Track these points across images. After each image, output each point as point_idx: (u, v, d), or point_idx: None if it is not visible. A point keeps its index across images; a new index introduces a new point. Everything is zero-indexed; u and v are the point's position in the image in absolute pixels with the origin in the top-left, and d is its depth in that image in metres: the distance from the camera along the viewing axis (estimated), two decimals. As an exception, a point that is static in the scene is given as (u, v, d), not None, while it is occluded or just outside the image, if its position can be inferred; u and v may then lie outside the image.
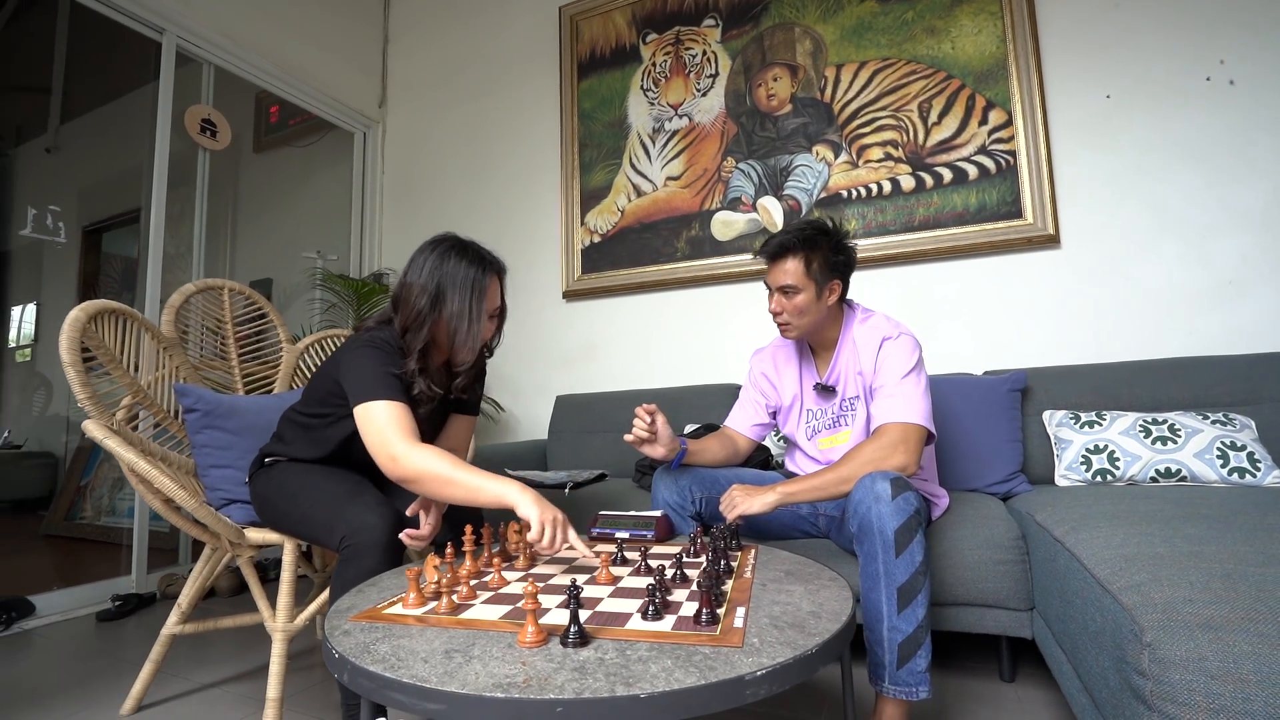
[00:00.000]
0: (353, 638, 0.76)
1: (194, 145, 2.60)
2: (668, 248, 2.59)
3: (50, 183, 3.49)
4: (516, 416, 2.87)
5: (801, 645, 0.69)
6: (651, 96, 2.68)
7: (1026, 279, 2.07)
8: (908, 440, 1.21)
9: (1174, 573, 0.76)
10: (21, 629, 1.93)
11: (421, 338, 1.18)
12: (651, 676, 0.62)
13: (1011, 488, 1.65)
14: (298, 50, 2.93)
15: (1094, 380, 1.75)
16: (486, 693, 0.60)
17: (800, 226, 1.36)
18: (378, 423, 1.08)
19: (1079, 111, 2.04)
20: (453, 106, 3.16)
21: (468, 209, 3.07)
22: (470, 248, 1.23)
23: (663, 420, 1.33)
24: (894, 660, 1.03)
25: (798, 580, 0.95)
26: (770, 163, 2.43)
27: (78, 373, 1.17)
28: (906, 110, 2.23)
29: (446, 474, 1.02)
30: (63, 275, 3.44)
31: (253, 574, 1.29)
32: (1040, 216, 2.03)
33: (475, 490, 1.02)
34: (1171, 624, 0.67)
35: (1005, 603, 1.29)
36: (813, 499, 1.25)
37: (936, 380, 1.83)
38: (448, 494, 1.04)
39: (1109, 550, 0.90)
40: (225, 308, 1.68)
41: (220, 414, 1.41)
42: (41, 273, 3.46)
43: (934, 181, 2.18)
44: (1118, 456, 1.53)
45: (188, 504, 1.08)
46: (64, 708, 1.38)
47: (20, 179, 3.60)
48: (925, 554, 1.06)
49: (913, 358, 1.29)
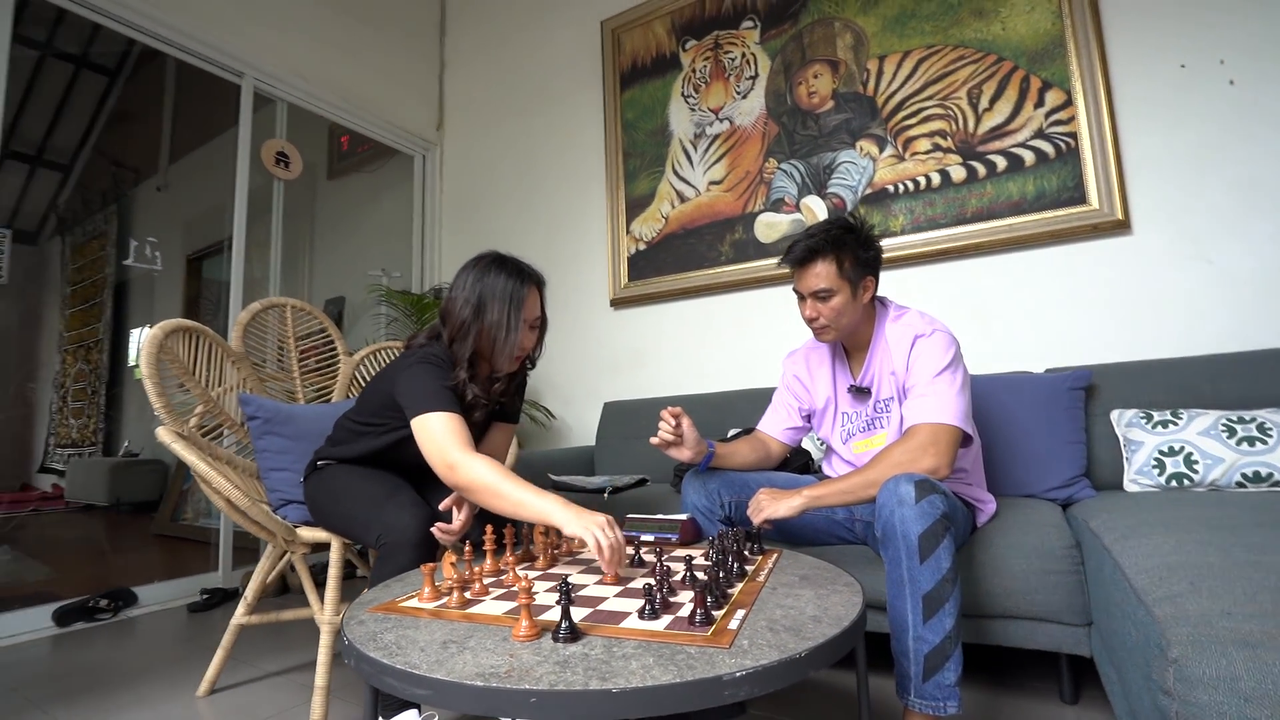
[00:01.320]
0: (365, 627, 0.81)
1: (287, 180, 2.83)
2: (712, 252, 2.59)
3: (161, 217, 3.90)
4: (568, 424, 2.93)
5: (792, 649, 0.68)
6: (692, 103, 2.68)
7: (1092, 269, 1.92)
8: (938, 441, 1.15)
9: (1219, 584, 0.69)
10: (126, 616, 2.15)
11: (468, 347, 1.25)
12: (629, 672, 0.63)
13: (1073, 493, 1.53)
14: (361, 82, 3.14)
15: (1170, 377, 1.60)
16: (468, 681, 0.63)
17: (825, 227, 1.32)
18: (435, 433, 1.13)
19: (1148, 85, 1.88)
20: (503, 124, 3.29)
21: (518, 222, 3.17)
22: (509, 261, 1.29)
23: (688, 423, 1.33)
24: (919, 672, 0.98)
25: (811, 585, 0.92)
26: (813, 161, 2.38)
27: (154, 384, 1.30)
28: (954, 98, 2.13)
29: (495, 486, 1.06)
30: (170, 299, 3.81)
31: (305, 570, 1.38)
32: (1107, 201, 1.88)
33: (520, 505, 1.04)
34: (1202, 639, 0.61)
35: (1058, 616, 1.20)
36: (840, 503, 1.21)
37: (991, 379, 1.73)
38: (495, 505, 1.07)
39: (1154, 559, 0.83)
40: (288, 324, 1.81)
41: (279, 421, 1.53)
42: (153, 298, 3.86)
43: (987, 171, 2.06)
44: (1196, 459, 1.39)
45: (241, 502, 1.18)
46: (151, 688, 1.53)
47: (138, 215, 4.04)
48: (953, 560, 1.00)
49: (947, 355, 1.23)
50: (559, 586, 0.75)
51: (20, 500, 3.85)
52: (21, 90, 4.04)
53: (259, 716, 1.37)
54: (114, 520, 3.70)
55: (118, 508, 3.72)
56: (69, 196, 4.25)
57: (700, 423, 1.53)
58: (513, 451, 1.88)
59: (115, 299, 3.73)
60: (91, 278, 3.90)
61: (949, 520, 1.02)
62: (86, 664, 1.72)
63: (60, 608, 2.03)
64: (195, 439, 1.35)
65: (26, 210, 4.26)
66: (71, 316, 4.01)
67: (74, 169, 4.25)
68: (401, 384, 1.21)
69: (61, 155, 4.16)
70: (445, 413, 1.14)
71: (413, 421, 1.16)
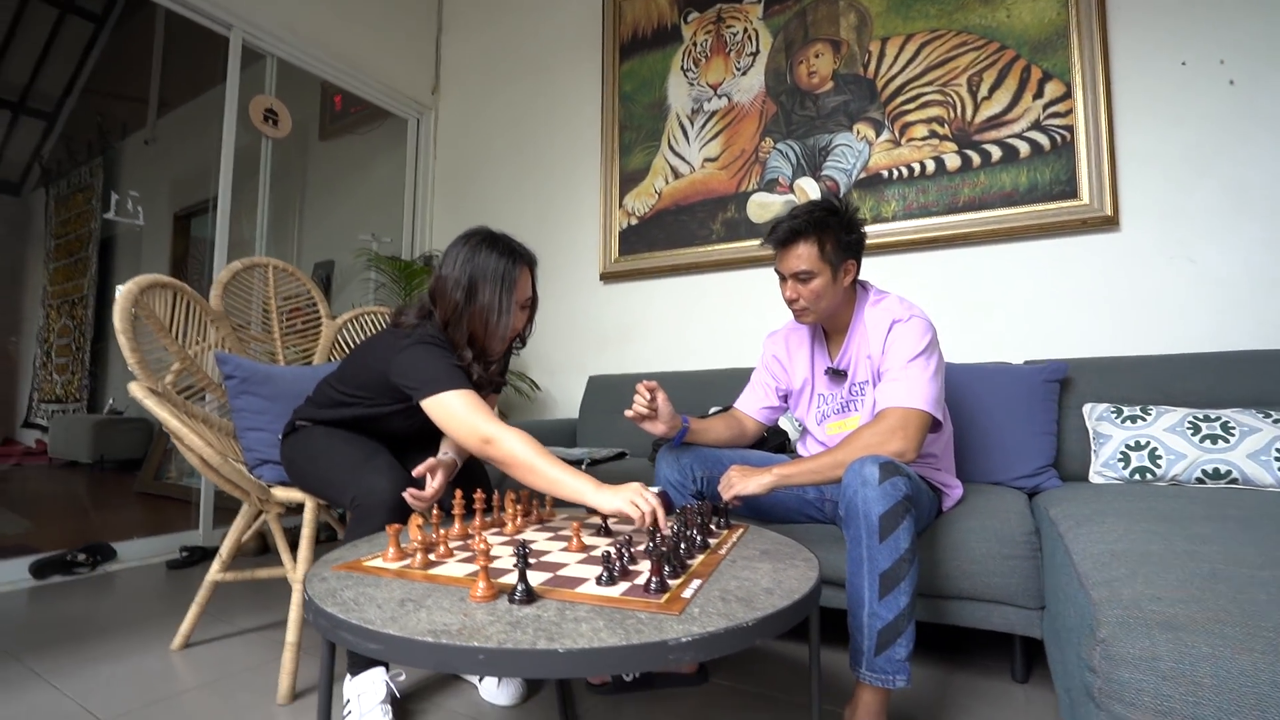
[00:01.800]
0: (326, 584, 0.82)
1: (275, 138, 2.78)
2: (703, 230, 2.57)
3: (149, 172, 3.83)
4: (553, 396, 2.94)
5: (740, 618, 0.70)
6: (691, 77, 2.65)
7: (1079, 264, 1.92)
8: (907, 426, 1.17)
9: (1155, 570, 0.71)
10: (105, 571, 2.17)
11: (464, 331, 1.25)
12: (578, 634, 0.64)
13: (1039, 483, 1.56)
14: (355, 41, 3.07)
15: (1145, 373, 1.62)
16: (419, 637, 0.64)
17: (809, 209, 1.32)
18: (459, 411, 1.13)
19: (1148, 80, 1.87)
20: (501, 91, 3.24)
21: (512, 192, 3.14)
22: (501, 240, 1.28)
23: (663, 397, 1.34)
24: (872, 646, 1.01)
25: (770, 559, 0.94)
26: (809, 143, 2.37)
27: (128, 339, 1.30)
28: (954, 85, 2.11)
29: (531, 463, 1.06)
30: (158, 257, 3.77)
31: (279, 530, 1.39)
32: (1097, 196, 1.88)
33: (555, 483, 1.05)
34: (1130, 620, 0.63)
35: (1013, 599, 1.23)
36: (809, 482, 1.23)
37: (969, 369, 1.75)
38: (530, 480, 1.07)
39: (1100, 545, 0.85)
40: (270, 284, 1.80)
41: (256, 381, 1.53)
42: (140, 255, 3.81)
43: (981, 160, 2.05)
44: (1160, 454, 1.41)
45: (212, 459, 1.19)
46: (126, 641, 1.55)
47: (125, 169, 3.96)
48: (912, 541, 1.03)
49: (922, 341, 1.24)
50: (516, 550, 0.76)
51: (2, 454, 3.84)
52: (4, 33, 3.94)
53: (231, 670, 1.39)
54: (97, 477, 3.70)
55: (101, 465, 3.72)
56: (54, 147, 4.16)
57: (684, 400, 1.56)
58: (493, 421, 1.89)
59: (101, 254, 3.68)
60: (76, 232, 3.84)
61: (911, 502, 1.04)
62: (62, 616, 1.73)
63: (37, 560, 2.04)
64: (170, 396, 1.35)
65: (9, 159, 4.16)
66: (56, 271, 3.96)
67: (59, 118, 4.14)
68: (403, 365, 1.19)
69: (45, 103, 4.05)
70: (462, 390, 1.14)
71: (427, 401, 1.14)
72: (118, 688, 1.31)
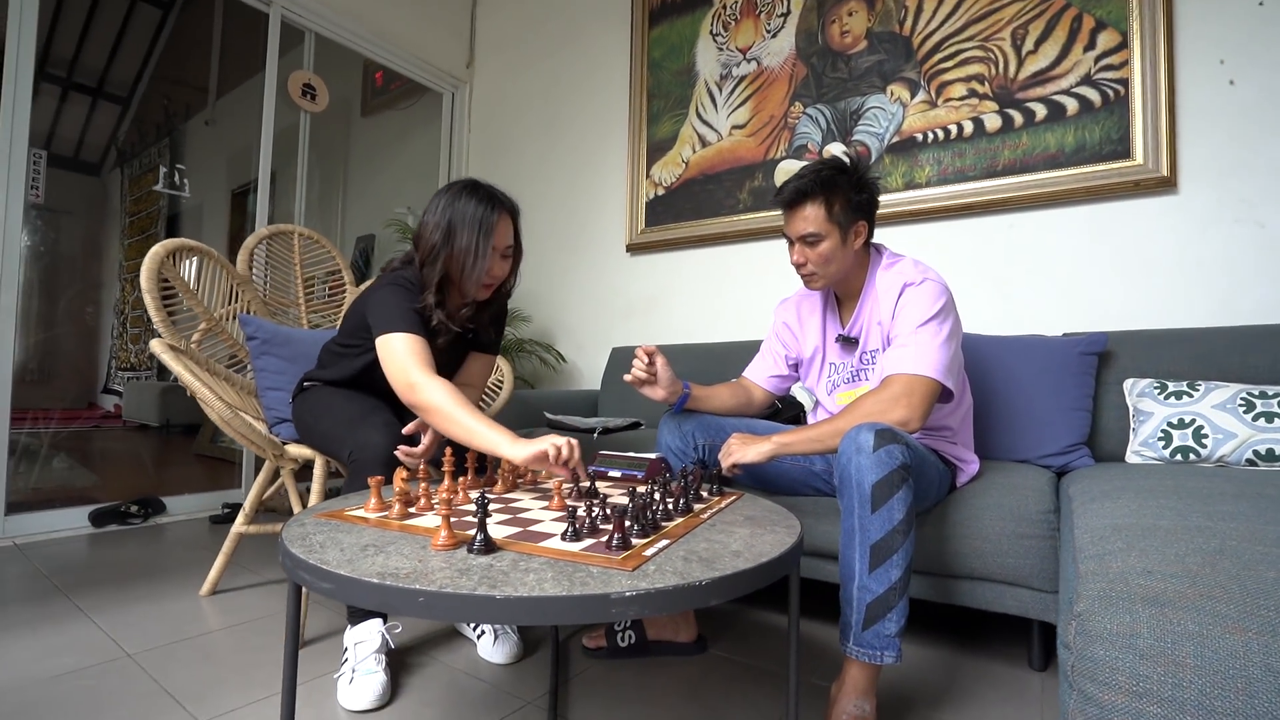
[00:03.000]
0: (303, 529, 0.84)
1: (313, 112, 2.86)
2: (730, 199, 2.51)
3: (209, 151, 4.01)
4: (579, 368, 2.95)
5: (693, 577, 0.67)
6: (720, 41, 2.56)
7: (1129, 230, 1.78)
8: (912, 393, 1.10)
9: (1156, 544, 0.65)
10: (155, 523, 2.32)
11: (436, 271, 1.25)
12: (521, 583, 0.64)
13: (1069, 461, 1.46)
14: (392, 15, 3.10)
15: (1194, 347, 1.49)
16: (366, 578, 0.65)
17: (816, 168, 1.25)
18: (398, 353, 1.17)
19: (1216, 25, 1.69)
20: (533, 63, 3.22)
21: (542, 164, 3.14)
22: (482, 188, 1.28)
23: (663, 362, 1.31)
24: (860, 620, 0.97)
25: (752, 525, 0.91)
26: (840, 106, 2.26)
27: (154, 299, 1.36)
28: (997, 39, 1.96)
29: (450, 410, 1.09)
30: (217, 232, 3.95)
31: (293, 485, 1.45)
32: (1152, 156, 1.72)
33: (471, 433, 1.07)
34: (1112, 595, 0.57)
35: (1028, 581, 1.16)
36: (809, 451, 1.18)
37: (1000, 341, 1.65)
38: (449, 430, 1.11)
39: (1106, 519, 0.78)
40: (295, 251, 1.85)
41: (277, 342, 1.58)
42: (201, 230, 4.01)
43: (1024, 120, 1.91)
44: (1206, 433, 1.30)
45: (223, 413, 1.24)
46: (162, 586, 1.65)
47: (189, 149, 4.16)
48: (907, 513, 0.97)
49: (935, 305, 1.17)
50: (477, 501, 0.76)
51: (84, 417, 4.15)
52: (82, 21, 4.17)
53: (249, 616, 1.47)
54: (162, 439, 3.97)
55: (167, 429, 3.99)
56: (127, 129, 4.40)
57: (710, 372, 1.52)
58: (508, 388, 1.91)
59: (168, 230, 3.90)
60: (147, 209, 4.05)
61: (908, 471, 0.98)
62: (111, 560, 1.86)
63: (96, 510, 2.20)
64: (192, 353, 1.41)
65: (90, 142, 4.44)
66: (129, 246, 4.20)
67: (132, 102, 4.38)
68: (370, 304, 1.24)
69: (121, 88, 4.29)
70: (408, 334, 1.17)
71: (378, 340, 1.18)
72: (148, 626, 1.40)
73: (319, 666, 1.23)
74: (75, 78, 4.14)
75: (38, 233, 3.95)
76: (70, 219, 4.31)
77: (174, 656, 1.26)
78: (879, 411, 1.10)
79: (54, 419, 3.71)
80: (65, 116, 4.23)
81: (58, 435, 3.44)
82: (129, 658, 1.25)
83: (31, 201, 2.01)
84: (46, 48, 3.97)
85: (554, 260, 3.04)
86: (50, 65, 3.99)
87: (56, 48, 3.95)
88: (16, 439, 3.09)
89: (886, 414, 1.09)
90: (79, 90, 4.19)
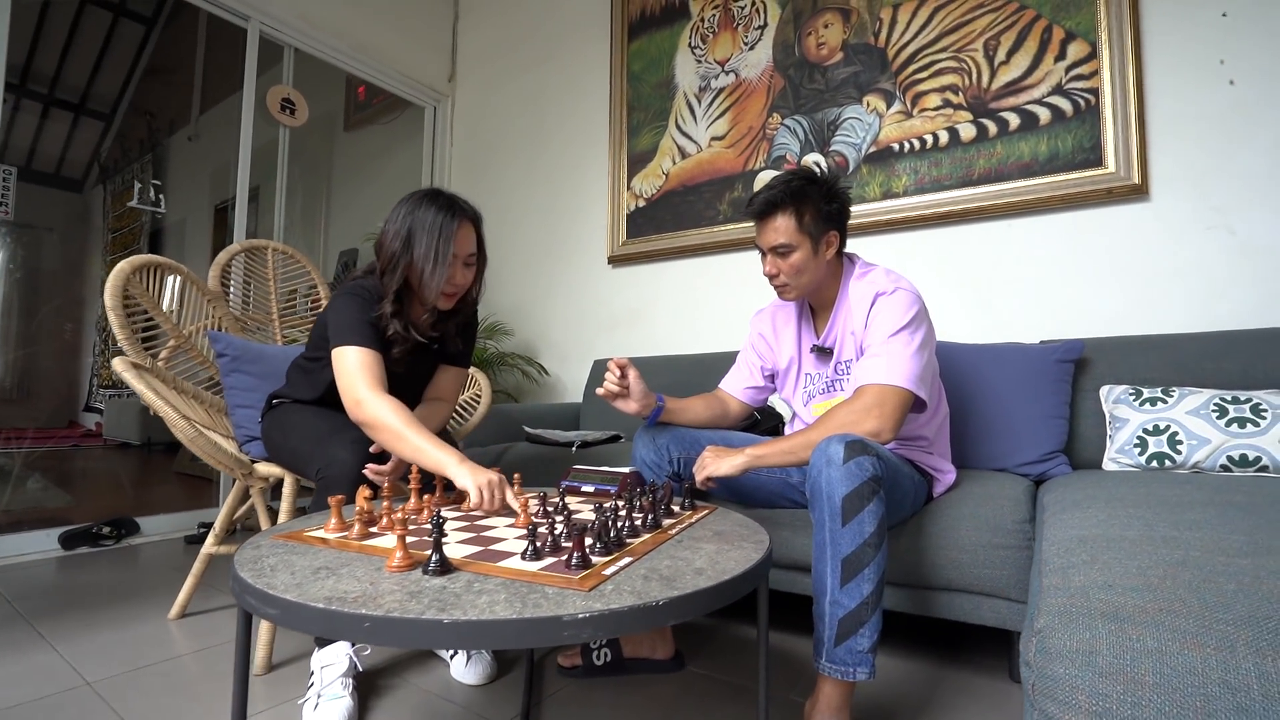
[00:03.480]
0: (257, 551, 0.82)
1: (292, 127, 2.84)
2: (710, 210, 2.51)
3: (192, 167, 3.99)
4: (562, 381, 2.93)
5: (651, 597, 0.66)
6: (699, 54, 2.57)
7: (1103, 237, 1.79)
8: (884, 404, 1.10)
9: (1119, 556, 0.64)
10: (128, 544, 2.27)
11: (396, 280, 1.23)
12: (472, 606, 0.62)
13: (1047, 469, 1.46)
14: (373, 30, 3.10)
15: (1171, 353, 1.49)
16: (312, 603, 0.63)
17: (786, 179, 1.25)
18: (348, 367, 1.16)
19: (1182, 35, 1.71)
20: (515, 77, 3.22)
21: (524, 177, 3.13)
22: (443, 196, 1.26)
23: (635, 375, 1.30)
24: (832, 636, 0.95)
25: (720, 541, 0.89)
26: (817, 117, 2.27)
27: (118, 316, 1.33)
28: (970, 50, 1.99)
29: (397, 429, 1.08)
30: (200, 248, 3.92)
31: (262, 505, 1.42)
32: (1124, 164, 1.74)
33: (419, 452, 1.06)
34: (1072, 610, 0.56)
35: (1004, 592, 1.15)
36: (781, 463, 1.17)
37: (976, 349, 1.65)
38: (396, 448, 1.10)
39: (1074, 530, 0.77)
40: (269, 266, 1.83)
41: (247, 359, 1.55)
42: (184, 247, 3.98)
43: (998, 129, 1.93)
44: (1180, 439, 1.30)
45: (185, 431, 1.21)
46: (130, 609, 1.61)
47: (171, 165, 4.14)
48: (879, 525, 0.96)
49: (906, 314, 1.17)
50: (433, 520, 0.74)
51: (63, 435, 4.08)
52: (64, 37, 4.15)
53: (216, 640, 1.43)
54: (143, 458, 3.91)
55: (149, 447, 3.93)
56: (110, 145, 4.38)
57: (690, 383, 1.51)
58: (485, 403, 1.89)
59: (150, 246, 3.86)
60: (129, 225, 4.02)
61: (878, 483, 0.97)
62: (77, 585, 1.82)
63: (66, 531, 2.15)
64: (158, 371, 1.38)
65: (71, 158, 4.40)
66: (112, 263, 4.15)
67: (115, 118, 4.36)
68: (328, 313, 1.23)
69: (103, 104, 4.27)
70: (360, 347, 1.16)
71: (332, 353, 1.18)
72: (111, 652, 1.36)
73: (289, 690, 1.20)
74: (57, 94, 4.12)
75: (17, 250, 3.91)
76: (51, 235, 4.27)
77: (135, 684, 1.23)
78: (852, 422, 1.09)
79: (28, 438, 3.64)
80: (46, 133, 4.20)
81: (31, 455, 3.37)
82: (88, 686, 1.21)
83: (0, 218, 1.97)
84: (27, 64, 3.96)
85: (537, 273, 3.03)
86: (31, 81, 3.97)
87: (38, 64, 3.93)
88: (-12, 460, 3.03)
89: (859, 424, 1.09)
90: (60, 106, 4.17)
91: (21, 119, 4.07)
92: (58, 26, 3.92)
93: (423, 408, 1.37)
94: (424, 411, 1.35)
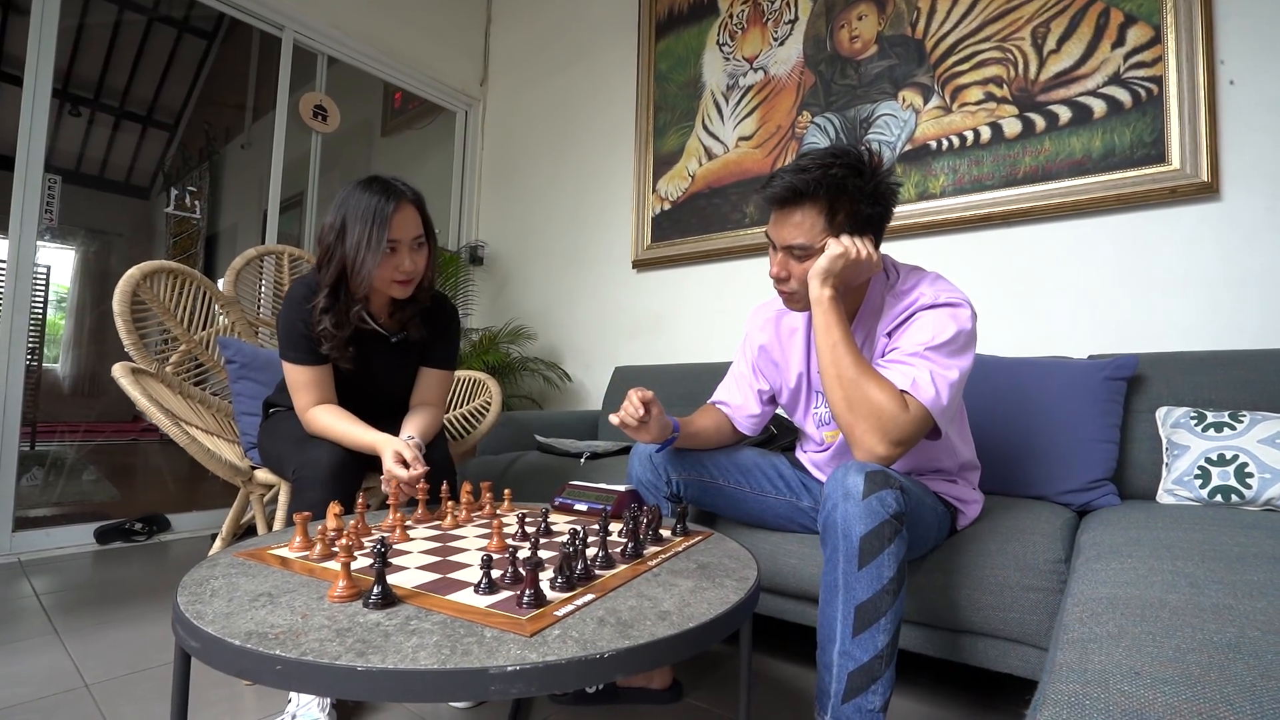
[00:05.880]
0: (211, 571, 0.78)
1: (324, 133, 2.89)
2: (736, 213, 2.42)
3: (245, 174, 4.15)
4: (586, 387, 2.88)
5: (596, 648, 0.58)
6: (727, 51, 2.49)
7: (1164, 241, 1.62)
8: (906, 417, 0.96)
9: (1155, 630, 0.53)
10: (159, 540, 2.33)
11: (332, 273, 1.19)
12: (397, 651, 0.56)
13: (1093, 499, 1.31)
14: (405, 35, 3.13)
15: (1242, 371, 1.32)
16: (231, 639, 0.58)
17: (823, 161, 0.99)
18: (292, 384, 1.25)
19: (1260, 15, 1.53)
20: (544, 79, 3.20)
21: (550, 181, 3.11)
22: (378, 180, 1.21)
23: (658, 411, 1.15)
24: (840, 690, 0.85)
25: (701, 576, 0.81)
26: (849, 114, 2.15)
27: (125, 321, 1.35)
28: (1016, 39, 1.84)
29: (334, 430, 1.21)
30: (249, 252, 4.02)
31: (260, 511, 1.41)
32: (1191, 159, 1.57)
33: (356, 443, 1.18)
34: (1086, 704, 0.46)
35: (1035, 640, 1.02)
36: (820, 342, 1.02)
37: (1015, 363, 1.51)
38: (344, 445, 1.20)
39: (1106, 587, 0.66)
40: (285, 271, 1.84)
41: (256, 366, 1.56)
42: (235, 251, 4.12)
43: (1046, 123, 1.77)
44: (1250, 471, 1.14)
45: (181, 439, 1.20)
46: (142, 606, 1.64)
47: (227, 172, 4.31)
48: (899, 569, 0.85)
49: (947, 330, 0.98)
50: (376, 548, 0.68)
51: (124, 430, 4.28)
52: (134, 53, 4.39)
53: (216, 644, 1.43)
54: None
55: (197, 442, 4.07)
56: (173, 155, 4.61)
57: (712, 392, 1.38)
58: (495, 410, 1.85)
59: (206, 251, 4.03)
60: (187, 230, 4.19)
61: (900, 521, 0.86)
62: (104, 580, 1.87)
63: (100, 527, 2.22)
64: (163, 376, 1.39)
65: (139, 168, 4.67)
66: (171, 266, 4.33)
67: (178, 128, 4.59)
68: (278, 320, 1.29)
69: (168, 115, 4.51)
70: (296, 365, 1.22)
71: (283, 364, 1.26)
72: (116, 654, 1.37)
73: (274, 704, 1.18)
74: (127, 106, 4.37)
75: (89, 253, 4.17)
76: (120, 240, 4.53)
77: (130, 689, 1.23)
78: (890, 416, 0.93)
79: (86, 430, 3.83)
80: (117, 144, 4.47)
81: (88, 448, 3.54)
82: (86, 688, 1.22)
83: (46, 225, 2.05)
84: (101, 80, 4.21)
85: (560, 277, 2.99)
86: (104, 95, 4.22)
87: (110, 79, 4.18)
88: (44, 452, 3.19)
89: (896, 419, 0.93)
90: (130, 119, 4.42)
91: (95, 131, 4.35)
92: (128, 44, 4.15)
93: (409, 415, 1.33)
94: (411, 419, 1.31)
